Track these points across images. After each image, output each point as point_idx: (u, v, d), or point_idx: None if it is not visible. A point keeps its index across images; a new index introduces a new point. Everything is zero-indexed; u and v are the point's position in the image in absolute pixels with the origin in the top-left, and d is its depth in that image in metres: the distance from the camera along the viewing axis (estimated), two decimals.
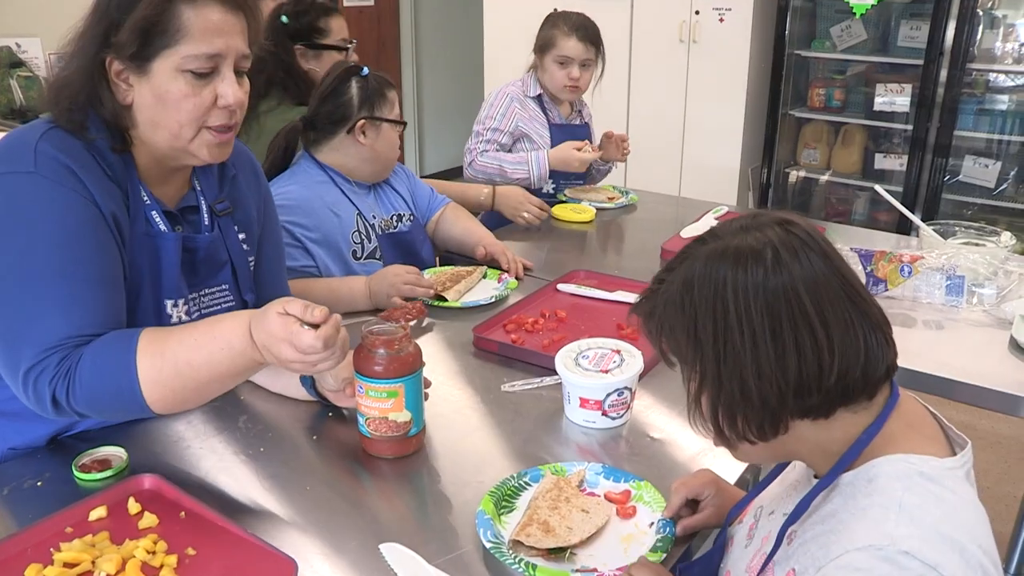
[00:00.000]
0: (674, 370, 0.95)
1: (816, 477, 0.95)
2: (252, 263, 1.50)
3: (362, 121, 2.02)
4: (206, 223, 1.39)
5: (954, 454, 0.87)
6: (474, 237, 2.26)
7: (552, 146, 2.77)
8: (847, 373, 0.83)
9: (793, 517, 0.90)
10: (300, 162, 2.10)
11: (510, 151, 2.79)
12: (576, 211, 2.66)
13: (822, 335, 0.82)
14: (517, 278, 2.10)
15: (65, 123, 1.21)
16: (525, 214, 2.54)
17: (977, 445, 0.93)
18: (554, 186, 2.82)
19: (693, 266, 0.88)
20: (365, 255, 2.09)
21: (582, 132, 2.91)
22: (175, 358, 1.15)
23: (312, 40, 2.40)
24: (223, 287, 1.43)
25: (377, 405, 1.27)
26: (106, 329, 1.18)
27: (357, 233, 2.07)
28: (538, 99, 2.81)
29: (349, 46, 2.44)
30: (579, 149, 2.69)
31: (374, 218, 2.13)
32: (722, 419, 0.88)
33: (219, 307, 1.43)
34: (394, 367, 1.25)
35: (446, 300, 1.92)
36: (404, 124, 2.13)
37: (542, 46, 2.73)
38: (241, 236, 1.47)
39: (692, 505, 1.18)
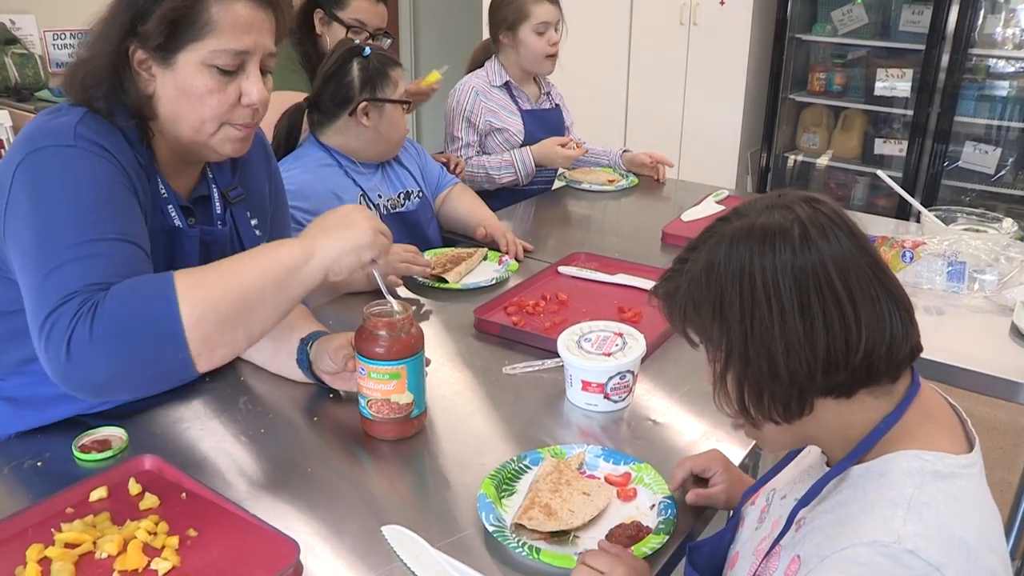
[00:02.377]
0: (688, 355, 0.94)
1: (829, 465, 0.94)
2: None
3: (364, 103, 2.00)
4: (218, 212, 1.39)
5: (971, 448, 0.87)
6: (476, 217, 2.25)
7: (526, 134, 2.72)
8: (873, 351, 0.83)
9: (804, 501, 0.90)
10: (305, 145, 2.10)
11: (483, 147, 2.74)
12: None
13: (850, 312, 0.82)
14: (517, 260, 2.09)
15: (93, 109, 1.19)
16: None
17: (975, 432, 0.93)
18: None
19: (719, 245, 0.87)
20: None
21: (554, 116, 2.85)
22: (218, 267, 1.10)
23: (330, 8, 2.39)
24: None
25: (379, 387, 1.26)
26: (125, 275, 1.09)
27: None
28: (505, 87, 2.73)
29: (359, 27, 2.39)
30: (563, 145, 2.65)
31: (380, 197, 2.12)
32: (748, 397, 0.88)
33: None
34: (396, 349, 1.24)
35: (447, 282, 1.91)
36: (408, 104, 2.10)
37: (513, 20, 2.63)
38: (254, 222, 1.46)
39: (701, 483, 1.19)
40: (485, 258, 2.08)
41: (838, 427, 0.88)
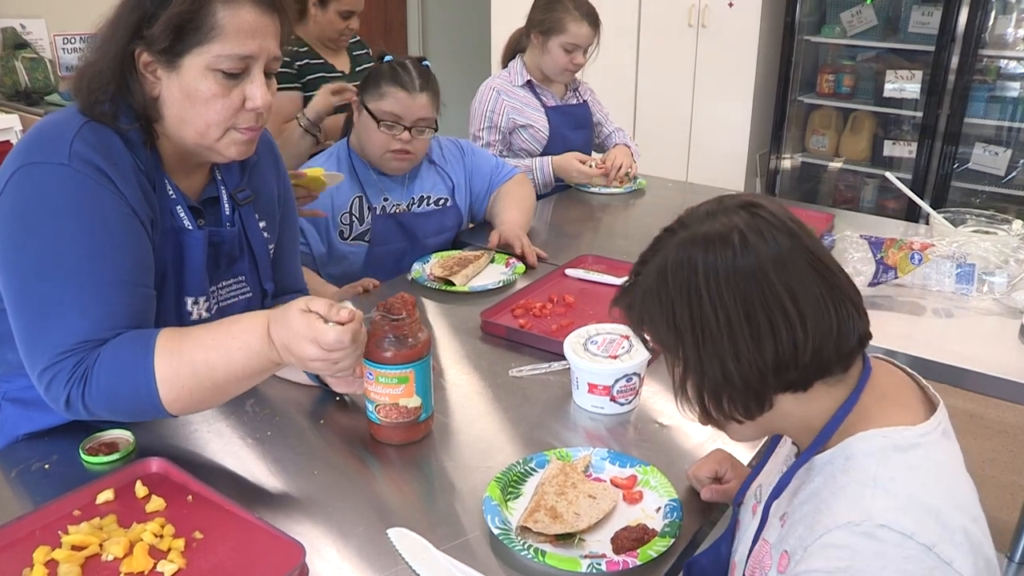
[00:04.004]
0: (658, 359, 0.96)
1: (797, 456, 0.96)
2: (272, 249, 1.49)
3: (355, 98, 2.08)
4: (227, 214, 1.39)
5: (933, 411, 0.89)
6: (497, 220, 2.24)
7: (551, 129, 2.73)
8: (822, 347, 0.85)
9: (775, 493, 0.93)
10: (342, 140, 2.19)
11: (510, 145, 2.75)
12: None
13: (794, 313, 0.84)
14: (530, 265, 2.06)
15: (96, 114, 1.19)
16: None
17: (983, 434, 0.94)
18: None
19: (666, 256, 0.89)
20: (352, 236, 2.11)
21: (581, 112, 2.85)
22: (192, 358, 1.14)
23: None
24: (239, 279, 1.43)
25: (387, 391, 1.26)
26: (127, 330, 1.17)
27: (348, 215, 2.09)
28: (527, 85, 2.74)
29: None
30: (583, 162, 2.64)
31: (385, 200, 2.12)
32: (708, 402, 0.91)
33: (236, 299, 1.43)
34: (404, 353, 1.24)
35: (453, 284, 1.91)
36: (384, 123, 2.03)
37: (548, 29, 2.65)
38: (262, 224, 1.46)
39: (715, 482, 1.21)
40: (492, 260, 2.08)
41: (801, 418, 0.91)
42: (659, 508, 1.16)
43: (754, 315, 0.84)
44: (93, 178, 1.16)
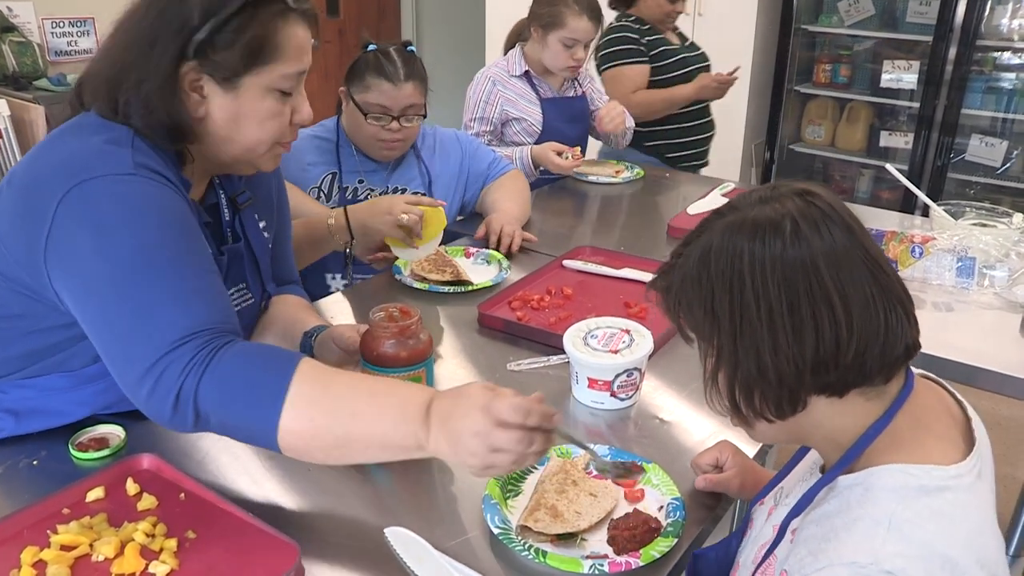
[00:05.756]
0: (692, 347, 0.92)
1: (822, 471, 0.93)
2: (271, 247, 1.47)
3: (343, 88, 2.05)
4: (227, 219, 1.35)
5: (969, 451, 0.84)
6: (490, 211, 2.20)
7: (544, 123, 2.69)
8: (866, 350, 0.81)
9: (795, 511, 0.89)
10: (333, 117, 2.19)
11: (502, 136, 2.72)
12: None
13: (841, 310, 0.80)
14: (507, 255, 2.01)
15: (134, 126, 1.13)
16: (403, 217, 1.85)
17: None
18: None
19: (710, 239, 0.85)
20: None
21: (579, 104, 2.82)
22: (337, 395, 1.01)
23: None
24: (241, 287, 1.40)
25: None
26: (227, 321, 1.07)
27: (316, 189, 2.09)
28: (524, 76, 2.70)
29: None
30: (560, 153, 2.59)
31: (360, 183, 2.11)
32: (739, 396, 0.86)
33: (239, 308, 1.39)
34: (417, 352, 1.22)
35: (454, 285, 1.85)
36: (371, 114, 2.01)
37: (548, 23, 2.60)
38: (262, 224, 1.43)
39: (715, 471, 1.19)
40: (465, 255, 2.03)
41: (831, 429, 0.87)
42: (662, 507, 1.14)
43: (798, 307, 0.80)
44: (163, 183, 1.11)
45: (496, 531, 1.07)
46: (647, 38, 2.99)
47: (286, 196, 1.56)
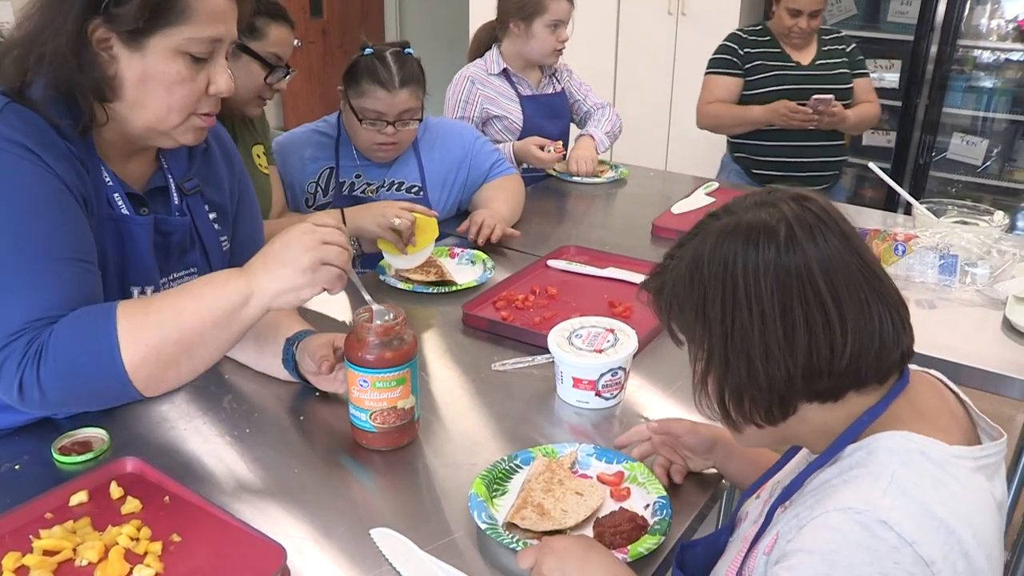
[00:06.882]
0: (682, 349, 0.92)
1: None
2: (225, 242, 1.43)
3: (341, 88, 2.09)
4: (176, 203, 1.33)
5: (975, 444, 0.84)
6: (477, 209, 2.20)
7: (525, 120, 2.71)
8: (860, 357, 0.81)
9: (783, 496, 0.89)
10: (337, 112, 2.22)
11: (484, 135, 2.72)
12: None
13: (835, 316, 0.80)
14: (481, 249, 2.01)
15: (22, 97, 1.12)
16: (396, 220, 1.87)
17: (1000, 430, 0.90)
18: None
19: (704, 242, 0.85)
20: (316, 206, 2.12)
21: (558, 101, 2.83)
22: (158, 306, 1.09)
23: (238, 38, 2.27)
24: (191, 271, 1.37)
25: (385, 395, 1.22)
26: (68, 306, 1.09)
27: (314, 184, 2.11)
28: (503, 74, 2.71)
29: (280, 67, 1.85)
30: (542, 147, 2.61)
31: (357, 178, 2.11)
32: (729, 401, 0.86)
33: None
34: (402, 352, 1.21)
35: (444, 285, 1.85)
36: (367, 120, 2.00)
37: (529, 12, 2.62)
38: (212, 215, 1.40)
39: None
40: (451, 256, 2.02)
41: (822, 423, 0.87)
42: (647, 505, 1.15)
43: (791, 313, 0.80)
44: (17, 154, 1.09)
45: (484, 527, 1.07)
46: (749, 50, 2.98)
47: (253, 203, 1.53)
